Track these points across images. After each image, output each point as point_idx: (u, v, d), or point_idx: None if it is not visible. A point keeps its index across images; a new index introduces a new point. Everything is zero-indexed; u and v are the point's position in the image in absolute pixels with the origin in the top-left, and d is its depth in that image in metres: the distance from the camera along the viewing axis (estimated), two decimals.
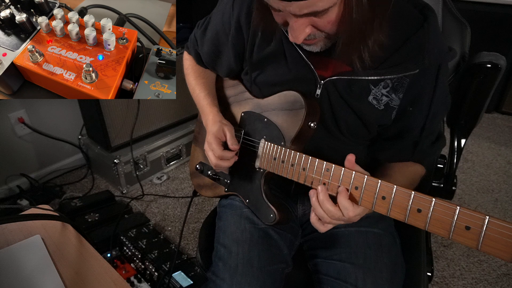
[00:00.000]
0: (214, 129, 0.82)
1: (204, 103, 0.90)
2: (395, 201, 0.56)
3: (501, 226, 0.46)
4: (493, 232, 0.47)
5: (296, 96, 0.75)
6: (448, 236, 0.51)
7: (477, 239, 0.48)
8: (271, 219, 0.79)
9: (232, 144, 0.80)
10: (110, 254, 1.50)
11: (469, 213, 0.49)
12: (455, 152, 1.00)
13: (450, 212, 0.51)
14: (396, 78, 0.71)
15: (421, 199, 0.54)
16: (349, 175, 0.62)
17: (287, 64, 0.76)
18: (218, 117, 0.85)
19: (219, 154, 0.80)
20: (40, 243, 0.75)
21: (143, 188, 1.96)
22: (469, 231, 0.49)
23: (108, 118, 1.80)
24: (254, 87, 0.84)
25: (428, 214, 0.53)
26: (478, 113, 0.97)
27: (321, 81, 0.74)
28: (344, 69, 0.73)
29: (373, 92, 0.73)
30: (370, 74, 0.71)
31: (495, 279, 1.46)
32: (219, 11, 0.86)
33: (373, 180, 0.59)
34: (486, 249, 0.48)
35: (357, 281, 0.73)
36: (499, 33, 2.38)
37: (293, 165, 0.73)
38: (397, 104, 0.74)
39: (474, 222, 0.49)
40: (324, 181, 0.66)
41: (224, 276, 0.76)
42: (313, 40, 0.65)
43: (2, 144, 1.81)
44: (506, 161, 2.18)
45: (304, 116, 0.73)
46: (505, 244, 0.46)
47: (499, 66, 0.87)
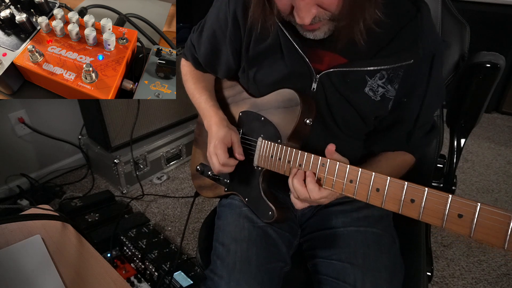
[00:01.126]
0: (221, 134, 0.81)
1: (207, 106, 0.90)
2: (389, 192, 0.57)
3: (493, 212, 0.47)
4: (485, 219, 0.47)
5: (291, 93, 0.76)
6: (442, 225, 0.51)
7: (470, 227, 0.49)
8: (270, 216, 0.80)
9: (239, 154, 0.80)
10: (110, 254, 1.50)
11: (461, 201, 0.49)
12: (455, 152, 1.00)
13: (442, 201, 0.51)
14: (392, 69, 0.72)
15: (414, 189, 0.54)
16: (344, 169, 0.63)
17: (283, 59, 0.77)
18: (225, 121, 0.85)
19: (224, 162, 0.80)
20: (40, 243, 0.75)
21: (143, 188, 1.96)
22: (461, 219, 0.49)
23: (108, 118, 1.80)
24: (252, 85, 0.85)
25: (421, 204, 0.53)
26: (477, 113, 0.97)
27: (317, 75, 0.75)
28: (339, 61, 0.73)
29: (369, 84, 0.73)
30: (365, 65, 0.71)
31: (495, 279, 1.47)
32: (214, 10, 0.86)
33: (367, 173, 0.60)
34: (478, 236, 0.48)
35: (356, 281, 0.73)
36: (499, 33, 2.38)
37: (290, 161, 0.73)
38: (393, 95, 0.74)
39: (466, 209, 0.49)
40: (320, 176, 0.67)
41: (222, 273, 0.76)
42: (317, 24, 0.65)
43: (2, 144, 1.81)
44: (506, 161, 2.18)
45: (299, 113, 0.74)
46: (497, 230, 0.47)
47: (499, 66, 0.87)
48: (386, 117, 0.78)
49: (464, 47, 0.96)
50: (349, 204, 0.87)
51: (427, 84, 0.74)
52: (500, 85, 2.56)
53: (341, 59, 0.73)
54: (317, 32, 0.68)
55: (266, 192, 0.82)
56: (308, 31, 0.69)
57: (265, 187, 0.82)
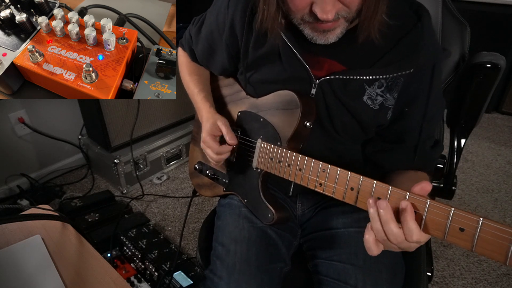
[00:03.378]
0: (207, 126, 0.82)
1: (198, 99, 0.90)
2: (391, 202, 0.55)
3: (495, 228, 0.46)
4: (487, 234, 0.47)
5: (291, 95, 0.75)
6: (443, 238, 0.51)
7: (471, 241, 0.48)
8: (269, 219, 0.80)
9: (230, 139, 0.80)
10: (110, 254, 1.50)
11: (463, 215, 0.49)
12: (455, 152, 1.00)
13: (444, 214, 0.50)
14: (391, 77, 0.71)
15: (416, 200, 0.53)
16: (345, 176, 0.62)
17: (282, 64, 0.76)
18: (211, 113, 0.85)
19: (217, 150, 0.81)
20: (40, 243, 0.75)
21: (143, 188, 1.96)
22: (463, 232, 0.49)
23: (108, 118, 1.80)
24: (248, 86, 0.84)
25: (423, 216, 0.53)
26: (478, 113, 0.97)
27: (316, 81, 0.74)
28: (339, 69, 0.73)
29: (368, 92, 0.73)
30: (364, 74, 0.71)
31: (495, 279, 1.47)
32: (214, 11, 0.86)
33: (369, 181, 0.59)
34: (480, 251, 0.48)
35: (357, 282, 0.73)
36: (499, 33, 2.38)
37: (290, 165, 0.73)
38: (392, 104, 0.74)
39: (468, 223, 0.48)
40: (321, 182, 0.66)
41: (222, 274, 0.76)
42: (336, 22, 0.63)
43: (2, 144, 1.81)
44: (506, 161, 2.18)
45: (299, 116, 0.73)
46: (499, 246, 0.46)
47: (499, 66, 0.87)
48: (390, 128, 0.77)
49: (465, 47, 0.96)
50: (349, 205, 0.86)
51: (429, 93, 0.72)
52: (500, 85, 2.56)
53: (341, 67, 0.73)
54: (330, 34, 0.65)
55: (266, 194, 0.81)
56: (321, 34, 0.66)
57: (264, 189, 0.82)
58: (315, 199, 0.91)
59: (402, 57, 0.70)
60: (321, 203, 0.90)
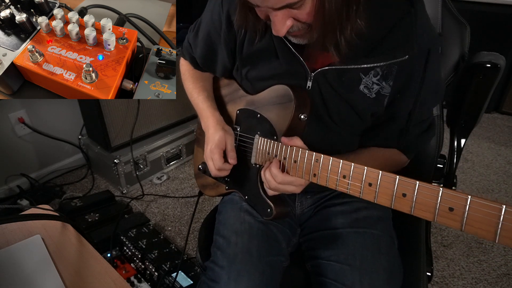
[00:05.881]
0: (216, 138, 0.82)
1: (204, 106, 0.90)
2: (381, 186, 0.57)
3: (484, 205, 0.46)
4: (476, 212, 0.47)
5: (285, 89, 0.76)
6: (433, 219, 0.51)
7: (461, 220, 0.49)
8: (269, 214, 0.80)
9: (231, 158, 0.82)
10: (110, 254, 1.50)
11: (452, 194, 0.49)
12: (455, 152, 1.00)
13: (433, 194, 0.51)
14: (386, 65, 0.71)
15: (406, 183, 0.54)
16: (337, 165, 0.63)
17: (278, 58, 0.77)
18: (221, 124, 0.85)
19: (219, 167, 0.81)
20: (40, 243, 0.75)
21: (143, 188, 1.96)
22: (452, 212, 0.49)
23: (108, 118, 1.80)
24: (245, 82, 0.85)
25: (413, 198, 0.53)
26: (477, 113, 0.97)
27: (311, 73, 0.75)
28: (334, 60, 0.73)
29: (364, 81, 0.73)
30: (359, 63, 0.71)
31: (495, 279, 1.47)
32: (208, 12, 0.87)
33: (359, 167, 0.60)
34: (469, 230, 0.48)
35: (354, 283, 0.73)
36: (499, 33, 2.39)
37: (285, 158, 0.73)
38: (388, 92, 0.74)
39: (457, 202, 0.49)
40: (315, 172, 0.67)
41: (223, 263, 0.76)
42: (298, 32, 0.66)
43: (2, 144, 1.81)
44: (506, 161, 2.18)
45: (293, 109, 0.74)
46: (488, 223, 0.46)
47: (499, 66, 0.87)
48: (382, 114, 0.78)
49: (464, 47, 0.96)
50: (348, 205, 0.87)
51: (422, 80, 0.73)
52: (500, 85, 2.56)
53: (335, 58, 0.73)
54: (300, 38, 0.69)
55: (265, 189, 0.82)
56: (293, 37, 0.69)
57: (263, 185, 0.82)
58: (314, 199, 0.91)
59: (396, 44, 0.70)
60: (321, 203, 0.91)
